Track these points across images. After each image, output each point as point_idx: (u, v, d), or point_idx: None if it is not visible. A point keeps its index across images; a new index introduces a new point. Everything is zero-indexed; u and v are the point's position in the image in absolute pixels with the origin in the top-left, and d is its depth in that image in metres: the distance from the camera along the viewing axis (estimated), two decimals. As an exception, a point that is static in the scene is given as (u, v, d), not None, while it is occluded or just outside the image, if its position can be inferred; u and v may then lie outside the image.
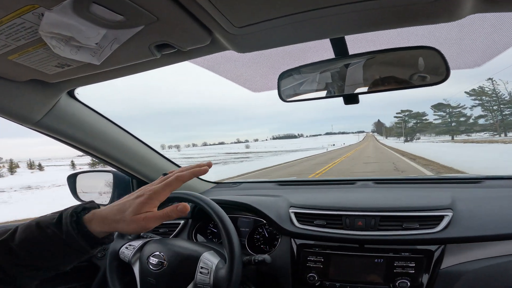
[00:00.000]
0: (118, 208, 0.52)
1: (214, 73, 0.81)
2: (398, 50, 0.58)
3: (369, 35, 0.65)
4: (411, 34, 0.65)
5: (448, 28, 0.64)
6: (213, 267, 0.75)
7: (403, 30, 0.62)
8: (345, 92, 0.61)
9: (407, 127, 78.50)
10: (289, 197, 1.06)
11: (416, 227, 0.80)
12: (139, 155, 1.09)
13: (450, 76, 0.53)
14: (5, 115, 0.76)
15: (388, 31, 0.57)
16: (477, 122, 63.17)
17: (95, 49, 0.52)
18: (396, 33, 0.66)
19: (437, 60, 0.54)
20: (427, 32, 0.68)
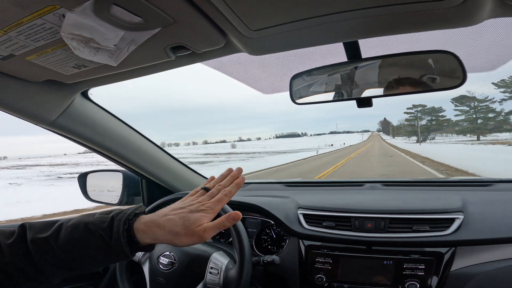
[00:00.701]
0: (176, 220, 0.51)
1: (223, 74, 0.82)
2: (413, 54, 0.58)
3: (382, 38, 0.65)
4: (424, 37, 0.65)
5: (462, 30, 0.64)
6: (223, 267, 0.75)
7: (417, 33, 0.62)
8: (358, 96, 0.61)
9: (419, 125, 66.89)
10: (297, 198, 1.06)
11: (426, 230, 0.80)
12: (149, 155, 1.10)
13: (467, 80, 0.53)
14: (20, 115, 0.78)
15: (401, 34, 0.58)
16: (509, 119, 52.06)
17: (113, 50, 0.53)
18: (409, 36, 0.67)
19: (453, 64, 0.54)
20: (439, 34, 0.68)
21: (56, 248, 0.49)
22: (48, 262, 0.49)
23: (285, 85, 0.75)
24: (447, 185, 1.11)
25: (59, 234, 0.50)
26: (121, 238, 0.49)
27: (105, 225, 0.50)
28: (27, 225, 0.52)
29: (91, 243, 0.49)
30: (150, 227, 0.51)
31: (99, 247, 0.49)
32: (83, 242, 0.49)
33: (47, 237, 0.49)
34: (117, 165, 1.09)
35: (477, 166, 10.36)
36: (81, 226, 0.50)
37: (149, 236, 0.50)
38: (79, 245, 0.49)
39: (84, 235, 0.49)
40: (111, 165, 1.13)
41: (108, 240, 0.49)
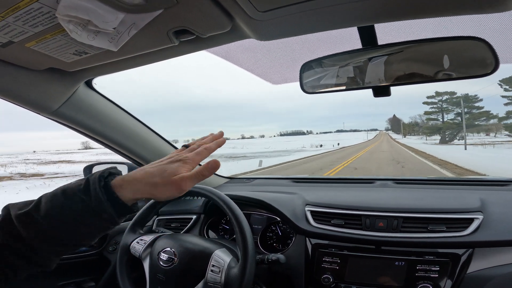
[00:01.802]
0: (153, 171, 0.49)
1: (227, 68, 0.79)
2: (437, 41, 0.54)
3: (401, 23, 0.60)
4: (447, 22, 0.60)
5: (491, 16, 0.59)
6: (225, 265, 0.72)
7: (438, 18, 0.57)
8: (374, 84, 0.57)
9: (445, 120, 46.61)
10: (305, 194, 1.03)
11: (442, 230, 0.77)
12: (155, 148, 1.08)
13: (499, 68, 0.48)
14: (23, 104, 0.77)
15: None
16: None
17: (113, 34, 0.51)
18: (429, 21, 0.62)
19: (483, 51, 0.50)
20: (463, 20, 0.63)
21: (40, 220, 0.47)
22: (37, 238, 0.47)
23: (295, 75, 0.71)
24: (463, 184, 1.06)
25: (40, 205, 0.48)
26: (99, 195, 0.46)
27: (82, 187, 0.48)
28: (10, 205, 0.50)
29: (73, 209, 0.47)
30: (128, 181, 0.49)
31: (81, 211, 0.47)
32: (64, 208, 0.47)
33: (29, 210, 0.47)
34: (122, 157, 1.07)
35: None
36: (59, 193, 0.48)
37: (128, 190, 0.48)
38: (60, 213, 0.47)
39: (64, 201, 0.47)
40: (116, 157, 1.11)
41: (88, 201, 0.47)
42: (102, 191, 0.47)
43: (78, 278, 1.06)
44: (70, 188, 0.49)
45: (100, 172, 0.49)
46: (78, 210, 0.47)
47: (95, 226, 0.49)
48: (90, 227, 0.49)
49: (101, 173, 0.49)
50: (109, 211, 0.47)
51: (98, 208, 0.47)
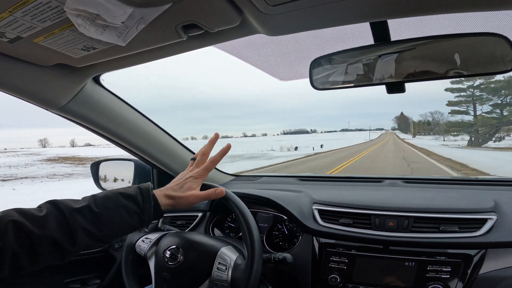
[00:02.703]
0: (176, 188, 0.68)
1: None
2: (454, 37, 0.52)
3: (413, 19, 0.58)
4: (464, 18, 0.58)
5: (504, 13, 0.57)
6: (232, 263, 0.72)
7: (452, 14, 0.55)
8: (388, 80, 0.56)
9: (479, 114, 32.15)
10: (312, 193, 1.02)
11: (455, 230, 0.75)
12: (161, 145, 1.08)
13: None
14: (30, 99, 0.77)
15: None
16: None
17: (121, 29, 0.50)
18: (443, 17, 0.60)
19: (503, 48, 0.48)
20: (480, 15, 0.61)
21: (97, 213, 0.57)
22: (87, 230, 0.56)
23: (303, 72, 0.70)
24: (474, 184, 1.04)
25: (96, 200, 0.59)
26: (151, 200, 0.62)
27: (136, 193, 0.62)
28: (53, 200, 0.58)
29: (127, 206, 0.60)
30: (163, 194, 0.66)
31: (132, 211, 0.60)
32: (119, 207, 0.60)
33: (88, 204, 0.58)
34: (128, 153, 1.07)
35: None
36: (115, 194, 0.61)
37: (163, 200, 0.65)
38: (117, 209, 0.59)
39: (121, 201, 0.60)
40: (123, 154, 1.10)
41: (141, 203, 0.61)
42: (153, 197, 0.63)
43: (83, 275, 1.07)
44: (126, 192, 0.62)
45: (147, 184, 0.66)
46: (130, 210, 0.60)
47: (133, 226, 0.62)
48: (129, 227, 0.61)
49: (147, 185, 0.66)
50: (150, 214, 0.62)
51: (145, 210, 0.62)
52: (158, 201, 0.64)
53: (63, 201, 0.58)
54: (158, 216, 0.65)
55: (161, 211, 0.64)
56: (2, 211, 0.54)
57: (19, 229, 0.51)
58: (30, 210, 0.55)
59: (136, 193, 0.62)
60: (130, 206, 0.60)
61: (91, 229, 0.56)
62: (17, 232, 0.51)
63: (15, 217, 0.52)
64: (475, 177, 1.21)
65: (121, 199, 0.60)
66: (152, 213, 0.63)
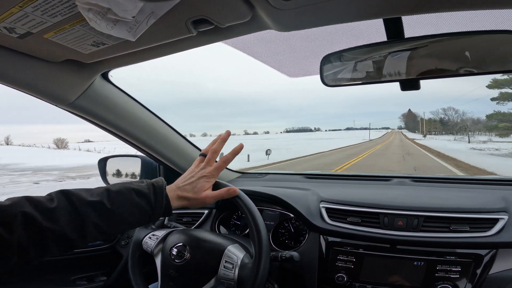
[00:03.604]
0: (187, 188, 0.67)
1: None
2: (471, 35, 0.50)
3: (427, 16, 0.57)
4: (477, 16, 0.56)
5: None
6: (238, 261, 0.71)
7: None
8: (402, 77, 0.54)
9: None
10: (319, 191, 1.01)
11: (466, 230, 0.74)
12: (169, 142, 1.08)
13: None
14: (40, 95, 0.77)
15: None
16: None
17: (131, 24, 0.50)
18: (459, 14, 0.58)
19: None
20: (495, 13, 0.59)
21: (110, 209, 0.57)
22: (97, 226, 0.56)
23: (313, 68, 0.69)
24: (484, 183, 1.02)
25: (110, 196, 0.58)
26: (163, 199, 0.62)
27: (149, 191, 0.61)
28: (65, 191, 0.57)
29: (139, 204, 0.59)
30: (176, 197, 0.65)
31: (143, 208, 0.60)
32: (132, 205, 0.59)
33: (100, 200, 0.57)
34: (136, 150, 1.08)
35: None
36: (128, 190, 0.60)
37: (174, 199, 0.64)
38: (129, 206, 0.59)
39: (134, 198, 0.60)
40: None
41: (153, 202, 0.61)
42: (166, 197, 0.63)
43: (90, 272, 1.07)
44: (139, 189, 0.61)
45: (161, 181, 0.65)
46: (141, 208, 0.60)
47: (141, 222, 0.62)
48: (137, 223, 0.62)
49: (161, 181, 0.65)
50: (160, 213, 0.62)
51: (156, 209, 0.61)
52: (170, 201, 0.63)
53: (75, 193, 0.57)
54: (166, 215, 0.65)
55: (170, 211, 0.64)
56: (12, 198, 0.53)
57: (29, 222, 0.50)
58: (41, 200, 0.54)
59: (149, 191, 0.61)
60: (142, 204, 0.60)
61: (102, 224, 0.56)
62: (26, 225, 0.50)
63: (25, 208, 0.51)
64: (484, 176, 1.19)
65: (134, 197, 0.60)
66: (162, 213, 0.63)
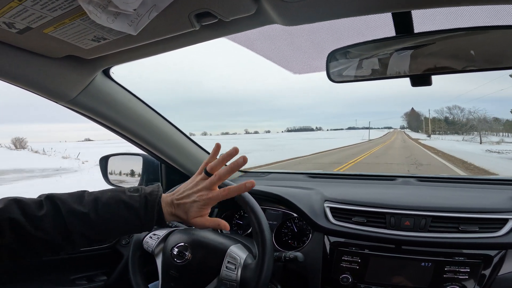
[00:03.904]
0: (185, 209, 0.60)
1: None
2: (488, 29, 0.49)
3: (438, 10, 0.55)
4: (494, 10, 0.55)
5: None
6: (241, 262, 0.70)
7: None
8: (412, 72, 0.53)
9: None
10: (323, 190, 0.99)
11: (475, 230, 0.73)
12: (170, 140, 1.06)
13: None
14: (40, 92, 0.76)
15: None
16: None
17: (133, 17, 0.48)
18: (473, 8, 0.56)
19: None
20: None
21: (96, 222, 0.55)
22: (84, 235, 0.55)
23: (319, 64, 0.68)
24: (491, 183, 1.00)
25: (97, 208, 0.56)
26: (153, 215, 0.58)
27: (139, 204, 0.58)
28: (55, 197, 0.56)
29: (126, 218, 0.57)
30: (169, 213, 0.60)
31: (132, 222, 0.57)
32: (120, 216, 0.56)
33: (87, 212, 0.55)
34: (138, 148, 1.06)
35: None
36: (117, 203, 0.57)
37: (168, 217, 0.60)
38: (116, 219, 0.56)
39: (122, 211, 0.57)
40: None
41: (144, 217, 0.57)
42: (158, 212, 0.58)
43: (90, 272, 1.06)
44: (129, 202, 0.58)
45: (158, 197, 0.60)
46: (130, 221, 0.57)
47: (131, 232, 0.61)
48: (127, 233, 0.61)
49: (158, 198, 0.60)
50: (151, 226, 0.59)
51: (146, 222, 0.58)
52: (163, 215, 0.59)
53: (62, 198, 0.56)
54: (159, 226, 0.64)
55: (164, 223, 0.61)
56: (3, 200, 0.54)
57: (16, 228, 0.51)
58: (30, 206, 0.54)
59: (140, 205, 0.57)
60: (130, 218, 0.57)
61: (88, 233, 0.55)
62: (13, 231, 0.51)
63: (13, 214, 0.51)
64: (491, 176, 1.17)
65: (122, 210, 0.57)
66: (154, 225, 0.59)
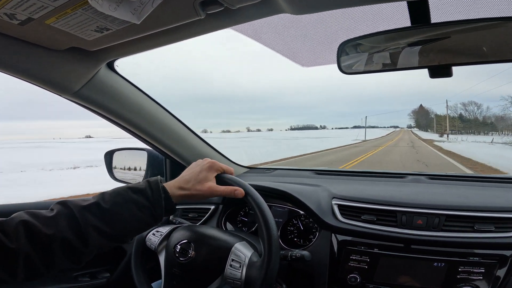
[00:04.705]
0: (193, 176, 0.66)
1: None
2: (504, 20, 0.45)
3: None
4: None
5: None
6: (246, 260, 0.68)
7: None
8: (430, 63, 0.50)
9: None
10: (330, 187, 0.97)
11: (491, 230, 0.70)
12: (175, 134, 1.05)
13: None
14: (43, 85, 0.75)
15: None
16: None
17: (136, 4, 0.46)
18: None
19: None
20: None
21: (106, 210, 0.56)
22: (96, 227, 0.55)
23: (328, 57, 0.65)
24: (505, 182, 0.97)
25: (105, 198, 0.57)
26: (160, 192, 0.60)
27: (146, 186, 0.60)
28: (65, 200, 0.57)
29: (135, 202, 0.58)
30: (174, 186, 0.64)
31: (141, 205, 0.58)
32: (128, 202, 0.58)
33: (96, 201, 0.56)
34: (142, 142, 1.05)
35: None
36: (124, 190, 0.59)
37: (175, 192, 0.63)
38: (124, 205, 0.57)
39: (131, 195, 0.58)
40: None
41: (150, 197, 0.59)
42: (163, 189, 0.61)
43: (93, 268, 1.06)
44: (135, 186, 0.60)
45: (156, 177, 0.63)
46: (139, 204, 0.58)
47: (145, 221, 0.59)
48: (141, 222, 0.59)
49: (156, 178, 0.63)
50: (161, 207, 0.60)
51: (155, 203, 0.59)
52: (169, 194, 0.61)
53: (72, 200, 0.57)
54: (171, 209, 0.62)
55: (173, 204, 0.62)
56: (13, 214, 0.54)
57: (30, 229, 0.51)
58: (40, 212, 0.55)
59: (145, 186, 0.60)
60: (139, 200, 0.58)
61: (102, 226, 0.55)
62: (28, 233, 0.50)
63: (25, 218, 0.52)
64: (504, 175, 1.13)
65: (130, 194, 0.58)
66: (164, 206, 0.60)
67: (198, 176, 0.66)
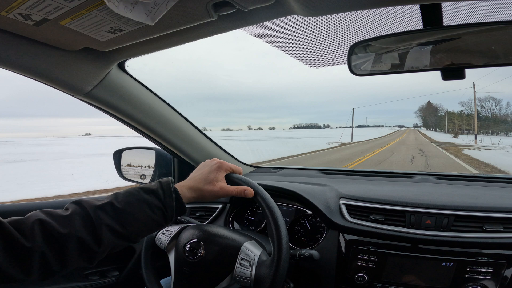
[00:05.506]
0: (204, 177, 0.67)
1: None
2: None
3: (468, 3, 0.52)
4: None
5: None
6: (256, 259, 0.68)
7: None
8: (443, 65, 0.50)
9: None
10: (338, 187, 0.97)
11: (500, 230, 0.70)
12: (184, 134, 1.06)
13: None
14: (56, 85, 0.76)
15: None
16: None
17: (150, 6, 0.47)
18: None
19: None
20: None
21: (119, 210, 0.57)
22: (109, 227, 0.55)
23: (337, 57, 0.65)
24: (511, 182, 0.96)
25: (118, 196, 0.59)
26: (171, 193, 0.61)
27: (157, 187, 0.61)
28: (80, 199, 0.59)
29: (148, 202, 0.59)
30: (184, 186, 0.65)
31: (153, 205, 0.59)
32: (140, 201, 0.59)
33: (109, 201, 0.58)
34: (151, 142, 1.06)
35: None
36: (136, 190, 0.60)
37: (185, 192, 0.64)
38: (137, 205, 0.58)
39: (143, 195, 0.60)
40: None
41: (162, 197, 0.60)
42: (174, 190, 0.62)
43: (102, 267, 1.07)
44: (147, 187, 0.61)
45: (168, 178, 0.65)
46: (152, 205, 0.59)
47: (157, 222, 0.60)
48: (152, 223, 0.60)
49: (167, 179, 0.64)
50: (173, 207, 0.61)
51: (167, 204, 0.60)
52: (180, 195, 0.63)
53: (86, 200, 0.58)
54: (181, 210, 0.63)
55: (183, 204, 0.63)
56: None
57: (46, 228, 0.51)
58: (55, 211, 0.55)
59: (157, 187, 0.61)
60: (151, 200, 0.59)
61: (115, 226, 0.56)
62: (44, 231, 0.51)
63: (41, 217, 0.52)
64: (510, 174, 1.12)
65: (143, 194, 0.60)
66: (175, 207, 0.61)
67: (208, 176, 0.67)
